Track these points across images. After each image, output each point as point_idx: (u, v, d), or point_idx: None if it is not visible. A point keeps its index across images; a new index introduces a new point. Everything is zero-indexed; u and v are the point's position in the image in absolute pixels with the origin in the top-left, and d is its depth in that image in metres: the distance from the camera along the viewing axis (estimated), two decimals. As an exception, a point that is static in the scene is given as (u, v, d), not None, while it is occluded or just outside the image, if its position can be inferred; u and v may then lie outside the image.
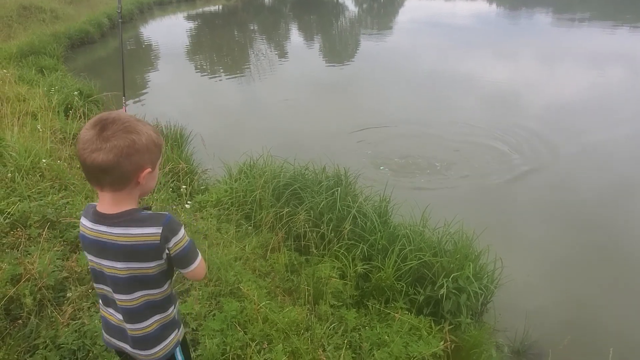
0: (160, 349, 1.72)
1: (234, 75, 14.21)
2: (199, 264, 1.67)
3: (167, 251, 1.56)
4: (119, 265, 1.54)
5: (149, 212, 1.55)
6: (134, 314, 1.64)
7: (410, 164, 7.61)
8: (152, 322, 1.67)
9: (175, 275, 1.74)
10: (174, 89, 12.75)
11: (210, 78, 13.76)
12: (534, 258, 5.27)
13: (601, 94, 11.55)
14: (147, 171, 1.48)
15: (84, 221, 1.59)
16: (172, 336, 1.76)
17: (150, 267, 1.56)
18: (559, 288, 4.87)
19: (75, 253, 3.37)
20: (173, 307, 1.76)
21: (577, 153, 8.11)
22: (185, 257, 1.61)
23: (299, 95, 11.82)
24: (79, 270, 3.08)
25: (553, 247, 5.52)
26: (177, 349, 1.80)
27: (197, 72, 14.64)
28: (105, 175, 1.42)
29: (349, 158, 6.76)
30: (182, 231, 1.58)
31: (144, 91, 12.55)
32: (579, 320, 4.50)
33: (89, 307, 2.84)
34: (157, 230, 1.50)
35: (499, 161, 7.74)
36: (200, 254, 1.70)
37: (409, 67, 14.52)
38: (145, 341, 1.69)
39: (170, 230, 1.53)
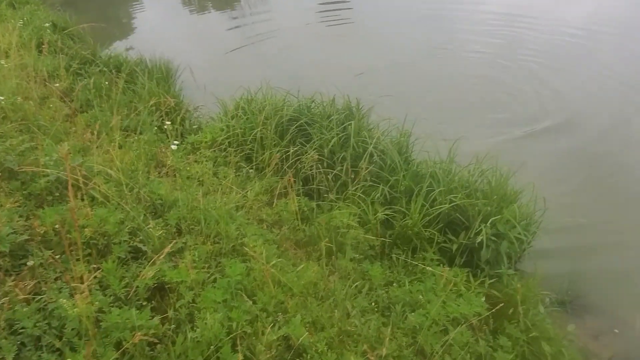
0: None
1: (223, 10, 12.99)
2: None
3: None
4: None
5: None
6: None
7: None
8: None
9: None
10: (161, 25, 11.65)
11: (199, 14, 12.62)
12: (574, 196, 4.69)
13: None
14: None
15: None
16: None
17: None
18: (605, 230, 4.32)
19: (42, 208, 2.75)
20: None
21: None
22: None
23: (292, 26, 10.74)
24: (42, 232, 2.47)
25: (597, 184, 4.93)
26: None
27: (184, 7, 13.45)
28: None
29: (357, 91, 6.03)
30: None
31: (131, 29, 11.51)
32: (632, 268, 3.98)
33: (56, 279, 2.26)
34: None
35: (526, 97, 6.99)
36: None
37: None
38: None
39: None
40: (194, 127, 5.10)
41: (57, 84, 5.30)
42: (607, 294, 3.74)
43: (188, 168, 3.93)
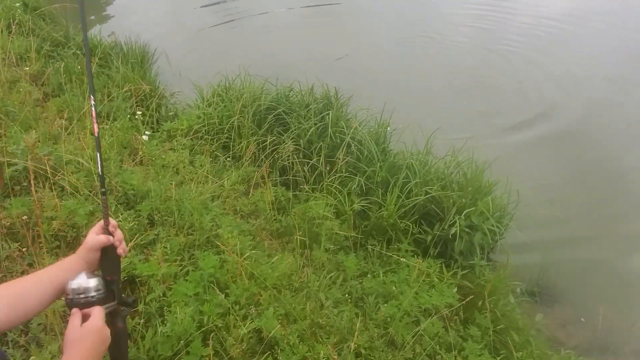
0: None
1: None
2: None
3: None
4: None
5: None
6: None
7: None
8: None
9: None
10: (139, 7, 11.34)
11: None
12: (546, 188, 4.77)
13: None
14: None
15: None
16: None
17: None
18: (577, 223, 4.41)
19: (8, 198, 2.67)
20: None
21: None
22: None
23: (274, 6, 10.57)
24: (9, 223, 2.41)
25: (570, 177, 5.01)
26: None
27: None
28: None
29: (337, 78, 5.98)
30: None
31: (106, 7, 11.12)
32: (598, 261, 4.08)
33: (22, 272, 2.21)
34: None
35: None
36: None
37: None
38: None
39: None
40: (170, 113, 5.00)
41: (27, 67, 5.13)
42: (576, 285, 3.84)
43: (163, 156, 3.87)
